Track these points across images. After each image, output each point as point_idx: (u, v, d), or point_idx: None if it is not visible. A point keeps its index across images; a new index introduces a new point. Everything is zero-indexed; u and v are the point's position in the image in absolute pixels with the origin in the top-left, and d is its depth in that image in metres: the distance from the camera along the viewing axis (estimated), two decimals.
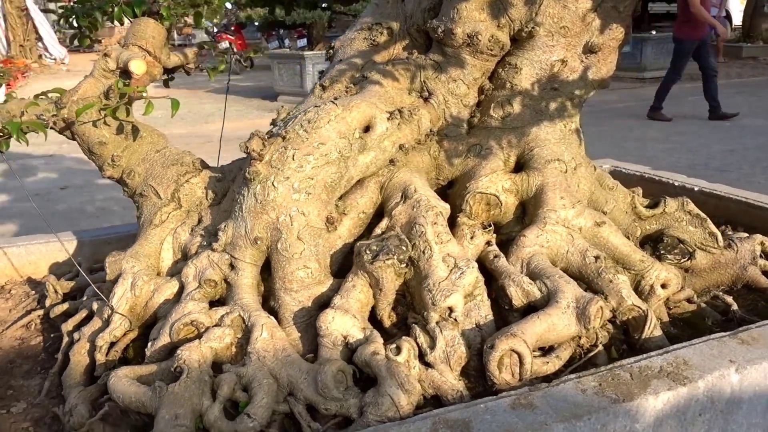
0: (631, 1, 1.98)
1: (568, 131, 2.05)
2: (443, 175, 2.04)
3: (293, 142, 1.71)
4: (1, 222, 4.82)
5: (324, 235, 1.71)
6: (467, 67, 2.00)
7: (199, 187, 1.89)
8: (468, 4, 1.96)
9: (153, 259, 1.82)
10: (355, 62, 2.07)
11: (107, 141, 1.89)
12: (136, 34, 1.93)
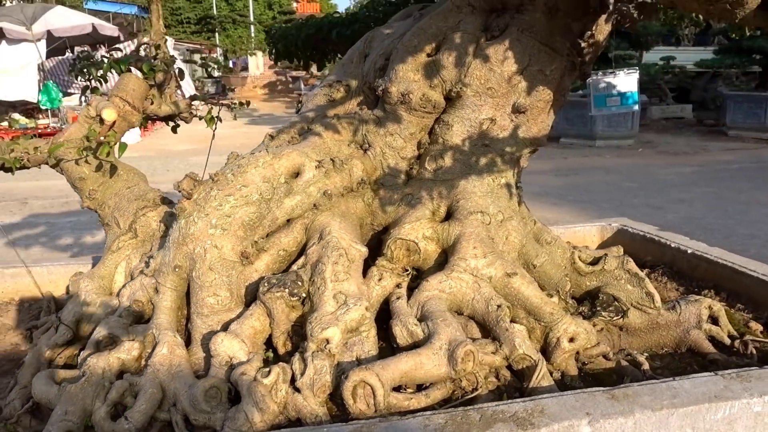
0: (558, 66, 2.09)
1: (497, 185, 2.15)
2: (377, 221, 2.21)
3: (220, 184, 1.96)
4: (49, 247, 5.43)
5: (238, 268, 1.92)
6: (403, 122, 2.18)
7: (154, 220, 2.17)
8: (404, 66, 2.15)
9: (107, 281, 2.11)
10: (308, 115, 2.31)
11: (86, 177, 2.23)
12: (119, 87, 2.28)
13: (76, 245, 6.22)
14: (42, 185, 9.52)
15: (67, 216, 6.82)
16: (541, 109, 2.13)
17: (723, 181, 8.23)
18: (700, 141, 12.29)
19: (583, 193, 8.08)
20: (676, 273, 2.88)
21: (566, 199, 8.00)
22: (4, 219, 6.44)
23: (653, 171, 9.39)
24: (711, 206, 7.16)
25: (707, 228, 6.54)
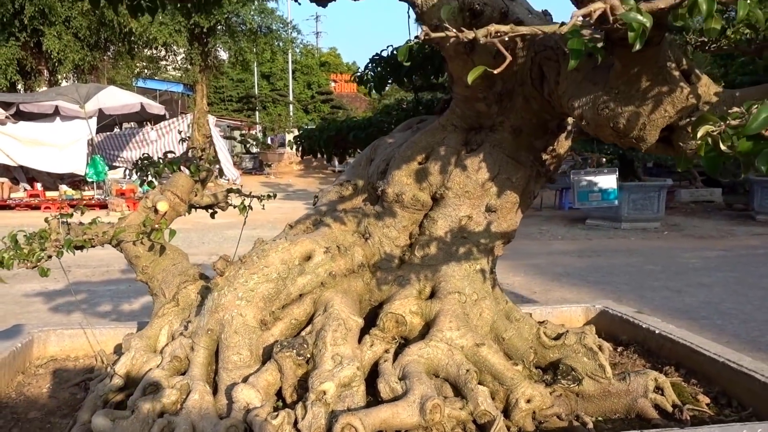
0: (522, 175, 2.62)
1: (473, 270, 2.66)
2: (374, 298, 2.72)
3: (246, 265, 2.51)
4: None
5: (258, 333, 2.44)
6: (398, 217, 2.72)
7: (193, 292, 2.72)
8: (400, 171, 2.71)
9: (152, 340, 2.65)
10: (321, 209, 2.87)
11: (141, 255, 2.80)
12: (171, 183, 2.88)
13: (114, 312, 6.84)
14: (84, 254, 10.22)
15: (107, 284, 7.47)
16: (509, 209, 2.66)
17: (746, 266, 8.50)
18: (728, 225, 12.58)
19: (604, 275, 8.44)
20: (646, 351, 3.30)
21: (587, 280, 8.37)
22: (48, 286, 7.10)
23: (676, 254, 9.71)
24: (731, 291, 7.43)
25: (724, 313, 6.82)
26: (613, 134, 2.07)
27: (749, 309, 6.86)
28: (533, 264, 9.41)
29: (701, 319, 6.61)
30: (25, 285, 7.19)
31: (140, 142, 19.09)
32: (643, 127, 2.00)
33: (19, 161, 15.76)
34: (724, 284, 7.74)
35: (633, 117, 1.99)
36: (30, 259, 2.44)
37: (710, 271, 8.41)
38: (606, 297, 7.25)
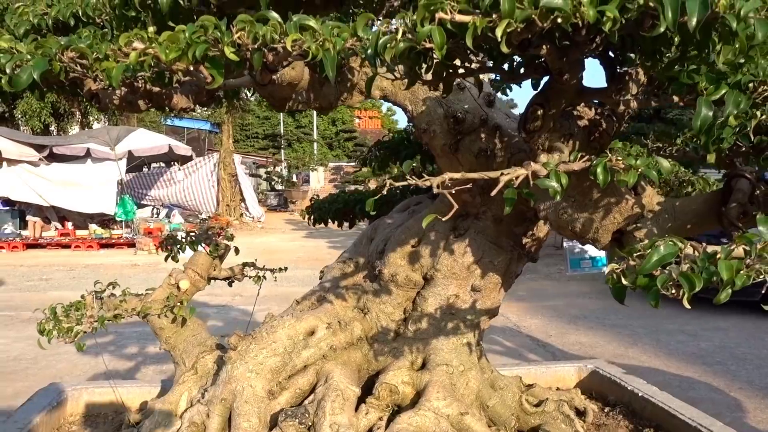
0: (503, 259, 2.95)
1: (460, 344, 2.98)
2: (372, 368, 3.05)
3: (257, 340, 2.87)
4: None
5: (266, 401, 2.78)
6: (393, 294, 3.06)
7: (211, 361, 3.08)
8: (395, 254, 3.06)
9: (174, 405, 3.01)
10: (325, 285, 3.23)
11: (164, 327, 3.18)
12: (192, 261, 3.27)
13: (141, 354, 7.24)
14: None
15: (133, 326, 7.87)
16: (492, 288, 2.98)
17: (763, 309, 8.57)
18: None
19: (621, 317, 8.62)
20: (631, 412, 3.58)
21: (603, 323, 8.57)
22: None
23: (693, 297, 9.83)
24: (747, 335, 7.55)
25: (739, 358, 6.96)
26: (572, 235, 2.41)
27: (765, 354, 7.00)
28: (550, 306, 9.62)
29: (715, 365, 6.79)
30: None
31: (167, 182, 19.74)
32: (596, 230, 2.33)
33: (51, 201, 16.44)
34: (740, 328, 7.86)
35: (587, 222, 2.32)
36: (69, 335, 2.83)
37: (726, 315, 8.52)
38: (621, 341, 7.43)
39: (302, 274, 12.53)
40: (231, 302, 8.67)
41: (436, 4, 1.43)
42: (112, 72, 1.63)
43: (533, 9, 1.32)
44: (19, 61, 1.81)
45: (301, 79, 2.00)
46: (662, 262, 1.55)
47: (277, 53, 1.64)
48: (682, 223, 2.28)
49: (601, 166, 1.58)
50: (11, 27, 2.36)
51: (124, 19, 1.96)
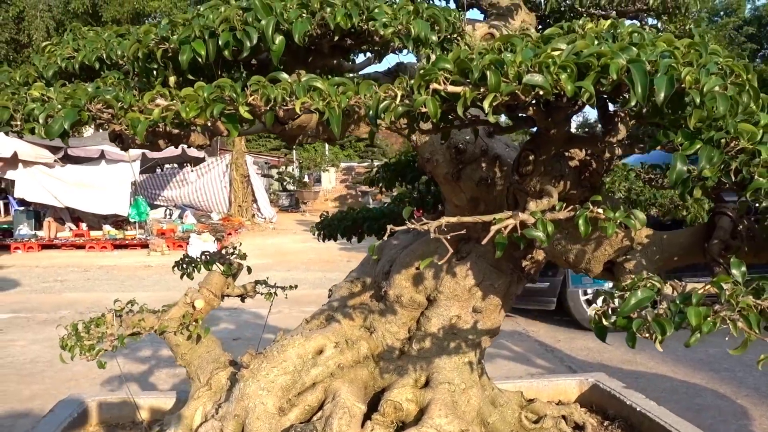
0: (503, 282, 3.11)
1: (462, 363, 3.14)
2: (377, 385, 3.22)
3: (268, 359, 3.04)
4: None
5: (276, 418, 2.96)
6: (398, 314, 3.23)
7: (224, 378, 3.26)
8: (400, 276, 3.22)
9: (189, 420, 3.19)
10: (333, 305, 3.40)
11: (180, 344, 3.36)
12: (206, 281, 3.45)
13: (154, 357, 7.45)
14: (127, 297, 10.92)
15: None
16: (492, 310, 3.14)
17: None
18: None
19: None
20: (629, 426, 3.72)
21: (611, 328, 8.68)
22: None
23: None
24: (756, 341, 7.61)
25: (747, 364, 7.03)
26: (566, 264, 2.56)
27: None
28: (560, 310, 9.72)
29: (722, 371, 6.90)
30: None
31: (180, 182, 20.01)
32: (588, 261, 2.49)
33: (66, 202, 16.75)
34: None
35: (580, 253, 2.48)
36: (91, 353, 3.02)
37: None
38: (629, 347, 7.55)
39: (313, 276, 12.71)
40: (242, 305, 8.88)
41: (431, 75, 1.59)
42: (138, 126, 1.80)
43: (517, 84, 1.48)
44: (51, 111, 1.99)
45: (309, 121, 2.16)
46: (639, 306, 1.70)
47: (288, 110, 1.81)
48: (669, 255, 2.43)
49: (583, 218, 1.73)
50: (40, 68, 2.54)
51: (147, 70, 2.13)
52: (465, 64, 1.55)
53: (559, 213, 1.81)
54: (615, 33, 1.78)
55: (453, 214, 3.20)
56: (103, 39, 2.58)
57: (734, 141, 1.79)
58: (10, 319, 9.81)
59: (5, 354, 8.02)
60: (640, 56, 1.51)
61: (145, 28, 2.15)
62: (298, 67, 2.31)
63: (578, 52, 1.54)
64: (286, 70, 2.19)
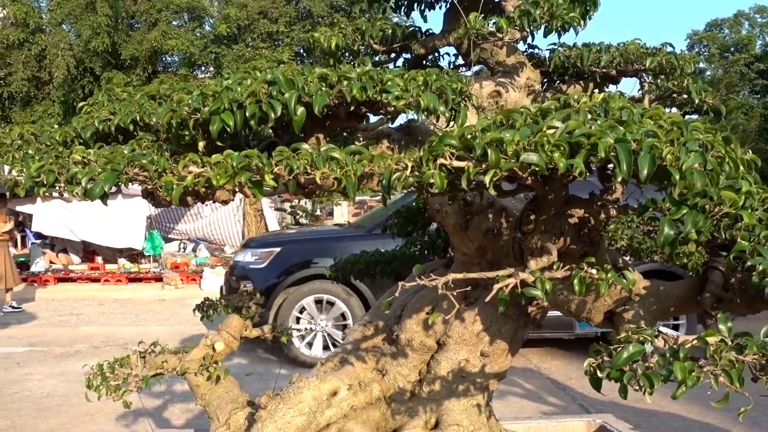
0: (510, 327, 3.26)
1: (470, 405, 3.28)
2: (389, 426, 3.36)
3: (285, 400, 3.20)
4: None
5: None
6: (409, 357, 3.38)
7: (242, 418, 3.42)
8: (410, 320, 3.39)
9: None
10: (347, 347, 3.56)
11: (200, 384, 3.53)
12: (226, 324, 3.63)
13: (168, 392, 7.59)
14: (141, 330, 11.16)
15: None
16: (499, 354, 3.29)
17: None
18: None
19: None
20: None
21: None
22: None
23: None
24: None
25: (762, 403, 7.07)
26: (568, 313, 2.72)
27: None
28: (572, 346, 9.80)
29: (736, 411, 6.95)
30: (86, 359, 8.05)
31: (194, 216, 20.30)
32: (589, 311, 2.65)
33: (82, 236, 17.06)
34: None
35: (581, 303, 2.64)
36: (117, 393, 3.19)
37: None
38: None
39: None
40: (255, 340, 9.02)
41: (438, 150, 1.78)
42: (173, 191, 2.00)
43: (515, 161, 1.66)
44: (92, 174, 2.20)
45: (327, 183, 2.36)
46: (631, 360, 1.86)
47: (308, 176, 2.00)
48: (666, 306, 2.58)
49: (578, 278, 1.90)
50: (78, 129, 2.76)
51: (179, 135, 2.34)
52: (468, 141, 1.74)
53: (556, 272, 1.98)
54: (606, 107, 1.97)
55: (461, 262, 3.38)
56: (136, 101, 2.80)
57: (718, 206, 1.96)
58: (27, 353, 10.01)
59: (22, 388, 8.19)
60: (626, 135, 1.69)
61: (178, 97, 2.37)
62: (316, 130, 2.52)
63: (571, 131, 1.72)
64: (305, 131, 2.40)
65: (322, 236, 10.32)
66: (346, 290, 8.49)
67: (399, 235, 4.16)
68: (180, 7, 19.42)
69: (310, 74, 2.22)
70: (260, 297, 3.83)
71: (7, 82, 18.66)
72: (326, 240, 9.68)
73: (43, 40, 18.23)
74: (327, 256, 8.54)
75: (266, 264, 8.92)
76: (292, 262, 8.86)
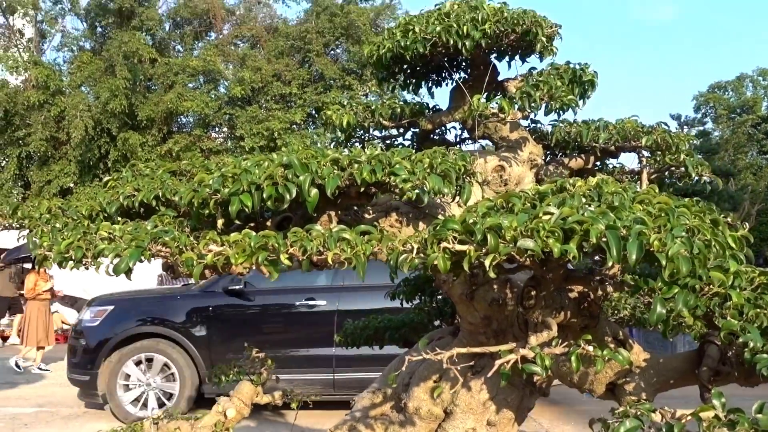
0: (516, 396, 3.34)
1: None
2: None
3: None
4: None
5: None
6: (417, 426, 3.45)
7: None
8: (418, 389, 3.47)
9: None
10: (356, 415, 3.64)
11: None
12: (237, 391, 3.72)
13: None
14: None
15: None
16: (506, 423, 3.35)
17: None
18: None
19: None
20: None
21: None
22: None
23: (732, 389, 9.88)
24: None
25: None
26: (571, 384, 2.81)
27: None
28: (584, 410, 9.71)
29: None
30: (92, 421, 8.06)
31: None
32: (591, 383, 2.74)
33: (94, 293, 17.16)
34: None
35: (583, 375, 2.73)
36: None
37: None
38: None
39: None
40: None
41: (441, 234, 1.92)
42: (195, 269, 2.15)
43: (513, 245, 1.80)
44: (118, 251, 2.35)
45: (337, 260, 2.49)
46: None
47: (321, 256, 2.14)
48: (666, 378, 2.67)
49: (575, 355, 2.01)
50: (103, 204, 2.93)
51: (199, 213, 2.50)
52: (470, 226, 1.89)
53: (555, 348, 2.09)
54: (600, 192, 2.11)
55: (468, 331, 3.48)
56: (158, 177, 2.99)
57: (708, 286, 2.08)
58: (35, 413, 10.03)
59: None
60: (616, 222, 1.83)
61: (199, 177, 2.54)
62: (328, 207, 2.68)
63: (565, 218, 1.86)
64: (317, 209, 2.56)
65: (155, 295, 10.53)
66: (170, 345, 8.71)
67: (407, 302, 4.28)
68: (196, 70, 20.01)
69: (323, 157, 2.39)
70: (271, 363, 3.93)
71: (26, 142, 19.14)
72: (158, 299, 9.88)
73: (63, 101, 18.79)
74: (156, 314, 8.89)
75: (99, 322, 9.14)
76: (121, 320, 9.10)
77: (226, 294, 8.69)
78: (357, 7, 20.58)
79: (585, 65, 3.28)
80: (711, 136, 27.44)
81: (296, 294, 8.71)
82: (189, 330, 8.66)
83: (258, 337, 8.41)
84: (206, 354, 8.52)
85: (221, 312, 8.72)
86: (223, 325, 8.66)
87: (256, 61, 20.15)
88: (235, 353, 8.05)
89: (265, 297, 8.81)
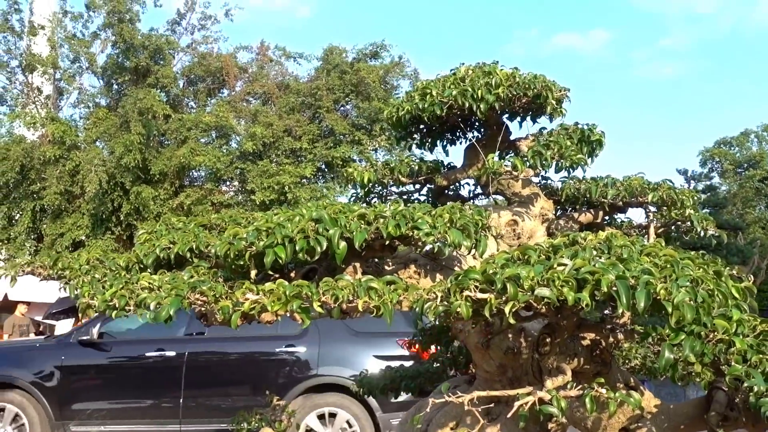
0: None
1: None
2: None
3: None
4: None
5: None
6: None
7: None
8: None
9: None
10: None
11: None
12: None
13: None
14: None
15: None
16: None
17: None
18: None
19: None
20: None
21: None
22: None
23: None
24: None
25: None
26: (585, 430, 2.92)
27: None
28: None
29: None
30: None
31: None
32: (604, 428, 2.85)
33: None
34: None
35: (597, 420, 2.85)
36: None
37: None
38: None
39: None
40: None
41: (464, 284, 2.09)
42: (232, 317, 2.31)
43: (530, 294, 1.97)
44: (160, 299, 2.53)
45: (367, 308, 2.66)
46: None
47: (351, 304, 2.31)
48: (676, 424, 2.79)
49: (589, 397, 2.15)
50: (140, 256, 3.12)
51: (233, 264, 2.68)
52: (490, 276, 2.06)
53: (570, 391, 2.23)
54: (609, 245, 2.29)
55: (483, 379, 3.61)
56: (191, 231, 3.18)
57: (712, 333, 2.24)
58: None
59: None
60: (625, 273, 2.00)
61: (233, 231, 2.72)
62: (354, 259, 2.86)
63: (578, 268, 2.04)
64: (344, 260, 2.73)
65: (16, 346, 10.67)
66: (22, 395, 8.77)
67: (424, 350, 4.41)
68: (209, 125, 20.46)
69: (351, 212, 2.58)
70: (292, 411, 4.05)
71: (41, 195, 19.48)
72: (17, 350, 9.98)
73: (78, 156, 19.19)
74: (12, 366, 8.92)
75: None
76: None
77: (81, 345, 8.79)
78: (366, 65, 21.09)
79: (593, 126, 3.49)
80: (718, 191, 27.67)
81: (147, 344, 8.74)
82: (40, 381, 8.76)
83: (106, 389, 8.57)
84: (56, 404, 8.61)
85: (72, 363, 8.81)
86: (73, 376, 8.75)
87: (268, 116, 20.60)
88: (82, 402, 8.30)
89: (120, 348, 8.86)
